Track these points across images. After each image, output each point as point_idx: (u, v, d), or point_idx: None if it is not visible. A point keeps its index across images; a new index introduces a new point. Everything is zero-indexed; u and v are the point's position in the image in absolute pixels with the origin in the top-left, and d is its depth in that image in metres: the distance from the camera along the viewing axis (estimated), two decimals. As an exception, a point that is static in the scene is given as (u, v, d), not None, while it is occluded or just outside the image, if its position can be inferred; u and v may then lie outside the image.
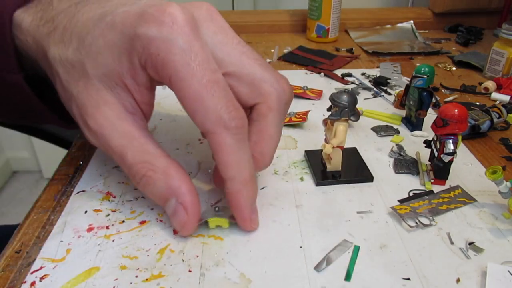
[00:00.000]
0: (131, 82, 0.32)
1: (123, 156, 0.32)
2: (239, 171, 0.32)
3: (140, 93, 0.32)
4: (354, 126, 0.50)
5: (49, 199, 0.38)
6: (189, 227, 0.33)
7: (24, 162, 1.79)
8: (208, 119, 0.30)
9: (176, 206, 0.32)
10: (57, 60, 0.32)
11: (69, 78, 0.32)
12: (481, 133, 0.49)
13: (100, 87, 0.31)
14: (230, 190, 0.32)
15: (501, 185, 0.35)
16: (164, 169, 0.32)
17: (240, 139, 0.31)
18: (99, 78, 0.31)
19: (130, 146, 0.32)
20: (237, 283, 0.30)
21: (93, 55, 0.31)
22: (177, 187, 0.32)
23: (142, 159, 0.32)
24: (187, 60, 0.29)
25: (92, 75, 0.31)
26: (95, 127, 0.32)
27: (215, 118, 0.30)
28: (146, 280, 0.30)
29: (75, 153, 0.45)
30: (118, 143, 0.32)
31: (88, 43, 0.31)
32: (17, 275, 0.30)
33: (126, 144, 0.32)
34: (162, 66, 0.29)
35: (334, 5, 0.79)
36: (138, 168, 0.32)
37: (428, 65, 0.47)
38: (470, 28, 0.86)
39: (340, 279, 0.30)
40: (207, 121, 0.30)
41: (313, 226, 0.35)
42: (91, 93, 0.31)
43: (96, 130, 0.32)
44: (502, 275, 0.30)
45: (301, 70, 0.69)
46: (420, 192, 0.39)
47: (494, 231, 0.35)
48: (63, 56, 0.32)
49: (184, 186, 0.32)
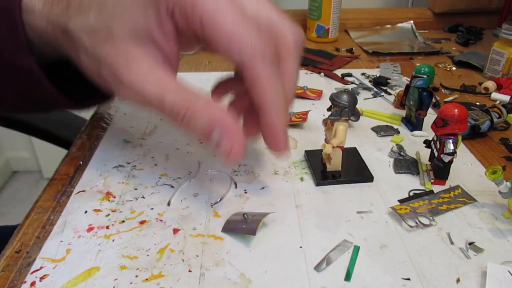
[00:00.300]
0: (158, 34, 0.33)
1: (163, 99, 0.33)
2: (277, 99, 0.34)
3: (168, 45, 0.34)
4: (354, 126, 0.51)
5: (49, 199, 0.38)
6: (237, 152, 0.34)
7: (24, 162, 1.79)
8: (244, 53, 0.32)
9: (222, 134, 0.34)
10: (79, 30, 0.34)
11: (96, 43, 0.34)
12: (481, 133, 0.49)
13: (128, 44, 0.33)
14: (268, 118, 0.34)
15: (501, 185, 0.35)
16: (205, 103, 0.34)
17: (275, 69, 0.33)
18: (126, 35, 0.33)
19: (167, 89, 0.33)
20: (237, 283, 0.30)
21: (118, 14, 0.32)
22: (220, 117, 0.33)
23: (183, 98, 0.34)
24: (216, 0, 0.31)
25: (119, 35, 0.33)
26: (129, 81, 0.33)
27: (251, 49, 0.32)
28: (146, 280, 0.30)
29: (75, 153, 0.45)
30: (154, 90, 0.33)
31: (110, 4, 0.33)
32: (17, 275, 0.30)
33: (163, 89, 0.33)
34: (192, 9, 0.31)
35: (334, 5, 0.79)
36: (180, 106, 0.33)
37: (428, 65, 0.47)
38: (470, 28, 0.86)
39: (340, 279, 0.30)
40: (243, 54, 0.32)
41: (313, 226, 0.35)
42: (121, 52, 0.33)
43: (131, 83, 0.33)
44: (502, 275, 0.30)
45: (301, 70, 0.69)
46: (420, 192, 0.39)
47: (494, 231, 0.35)
48: (86, 24, 0.33)
49: (227, 116, 0.34)
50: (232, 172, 0.42)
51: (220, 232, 0.34)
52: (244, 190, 0.39)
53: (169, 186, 0.40)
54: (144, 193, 0.39)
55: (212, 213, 0.36)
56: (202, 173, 0.42)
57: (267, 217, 0.35)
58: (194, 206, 0.37)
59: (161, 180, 0.40)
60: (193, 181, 0.41)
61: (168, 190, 0.39)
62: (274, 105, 0.34)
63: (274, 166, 0.43)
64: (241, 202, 0.38)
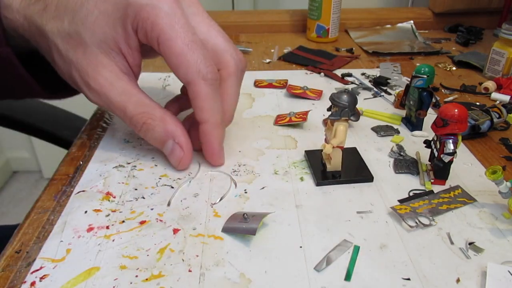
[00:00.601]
0: (124, 47, 0.37)
1: (125, 109, 0.38)
2: (213, 115, 0.38)
3: (132, 56, 0.38)
4: (354, 126, 0.51)
5: (49, 199, 0.38)
6: (185, 162, 0.40)
7: (24, 162, 1.79)
8: (189, 71, 0.36)
9: (173, 146, 0.40)
10: (55, 33, 0.37)
11: (69, 47, 0.37)
12: (481, 133, 0.49)
13: (98, 52, 0.37)
14: (205, 131, 0.39)
15: (501, 185, 0.35)
16: (161, 116, 0.39)
17: (215, 89, 0.37)
18: (96, 45, 0.36)
19: (129, 101, 0.38)
20: (237, 283, 0.30)
21: (89, 25, 0.36)
22: (173, 130, 0.39)
23: (142, 110, 0.38)
24: (172, 23, 0.35)
25: (89, 43, 0.36)
26: (97, 87, 0.37)
27: (195, 70, 0.36)
28: (146, 280, 0.30)
29: (75, 153, 0.45)
30: (119, 99, 0.38)
31: (83, 14, 0.36)
32: (17, 275, 0.30)
33: (126, 99, 0.38)
34: (151, 28, 0.35)
35: (334, 5, 0.79)
36: (138, 117, 0.38)
37: (428, 65, 0.47)
38: (470, 28, 0.86)
39: (340, 279, 0.30)
40: (188, 73, 0.36)
41: (313, 226, 0.35)
42: (90, 58, 0.37)
43: (98, 89, 0.37)
44: (502, 275, 0.30)
45: (301, 70, 0.69)
46: (420, 192, 0.39)
47: (494, 231, 0.35)
48: (61, 29, 0.36)
49: (179, 129, 0.39)
50: (232, 172, 0.42)
51: (220, 232, 0.34)
52: (244, 190, 0.39)
53: (169, 187, 0.40)
54: (144, 193, 0.39)
55: (212, 213, 0.36)
56: (202, 173, 0.42)
57: (267, 217, 0.35)
58: (194, 206, 0.37)
59: (161, 181, 0.40)
60: (193, 181, 0.41)
61: (168, 190, 0.39)
62: (211, 121, 0.38)
63: (274, 166, 0.43)
64: (241, 202, 0.38)
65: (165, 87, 0.61)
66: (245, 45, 0.80)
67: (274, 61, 0.73)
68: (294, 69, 0.70)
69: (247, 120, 0.52)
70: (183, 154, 0.40)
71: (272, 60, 0.73)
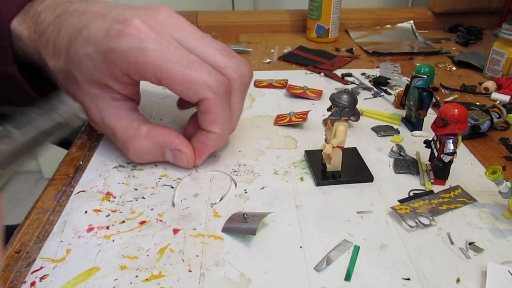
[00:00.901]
0: (114, 85, 0.38)
1: (114, 135, 0.40)
2: (223, 128, 0.39)
3: (125, 89, 0.39)
4: (354, 126, 0.51)
5: (49, 199, 0.38)
6: (192, 159, 0.40)
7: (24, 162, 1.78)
8: (199, 89, 0.36)
9: (173, 152, 0.40)
10: (56, 70, 0.39)
11: (67, 83, 0.39)
12: (481, 133, 0.49)
13: (90, 87, 0.38)
14: (207, 140, 0.39)
15: (501, 185, 0.35)
16: (146, 133, 0.39)
17: (226, 101, 0.38)
18: (87, 81, 0.38)
19: (118, 126, 0.39)
20: (237, 283, 0.30)
21: (76, 64, 0.37)
22: (162, 141, 0.39)
23: (128, 134, 0.39)
24: (162, 55, 0.34)
25: (80, 80, 0.38)
26: (92, 116, 0.40)
27: (204, 87, 0.35)
28: (146, 280, 0.30)
29: (75, 153, 0.45)
30: (109, 125, 0.39)
31: (72, 54, 0.37)
32: (17, 275, 0.30)
33: (115, 125, 0.39)
34: (144, 69, 0.35)
35: (334, 5, 0.79)
36: (126, 144, 0.40)
37: (428, 65, 0.47)
38: (470, 28, 0.86)
39: (340, 279, 0.30)
40: (198, 92, 0.36)
41: (313, 226, 0.35)
42: (84, 92, 0.38)
43: (93, 119, 0.40)
44: (502, 275, 0.30)
45: (301, 70, 0.69)
46: (420, 192, 0.39)
47: (494, 231, 0.35)
48: (58, 67, 0.38)
49: (168, 137, 0.40)
50: (232, 172, 0.42)
51: (220, 232, 0.34)
52: (244, 190, 0.39)
53: (169, 187, 0.40)
54: (144, 193, 0.39)
55: (212, 213, 0.36)
56: (202, 173, 0.42)
57: (267, 217, 0.35)
58: (194, 206, 0.37)
59: (161, 181, 0.40)
60: (193, 181, 0.41)
61: (168, 190, 0.39)
62: (220, 133, 0.39)
63: (274, 166, 0.43)
64: (241, 202, 0.38)
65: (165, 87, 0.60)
66: (245, 45, 0.80)
67: (274, 61, 0.73)
68: (294, 69, 0.70)
69: (247, 120, 0.52)
70: (186, 156, 0.40)
71: (272, 60, 0.73)
